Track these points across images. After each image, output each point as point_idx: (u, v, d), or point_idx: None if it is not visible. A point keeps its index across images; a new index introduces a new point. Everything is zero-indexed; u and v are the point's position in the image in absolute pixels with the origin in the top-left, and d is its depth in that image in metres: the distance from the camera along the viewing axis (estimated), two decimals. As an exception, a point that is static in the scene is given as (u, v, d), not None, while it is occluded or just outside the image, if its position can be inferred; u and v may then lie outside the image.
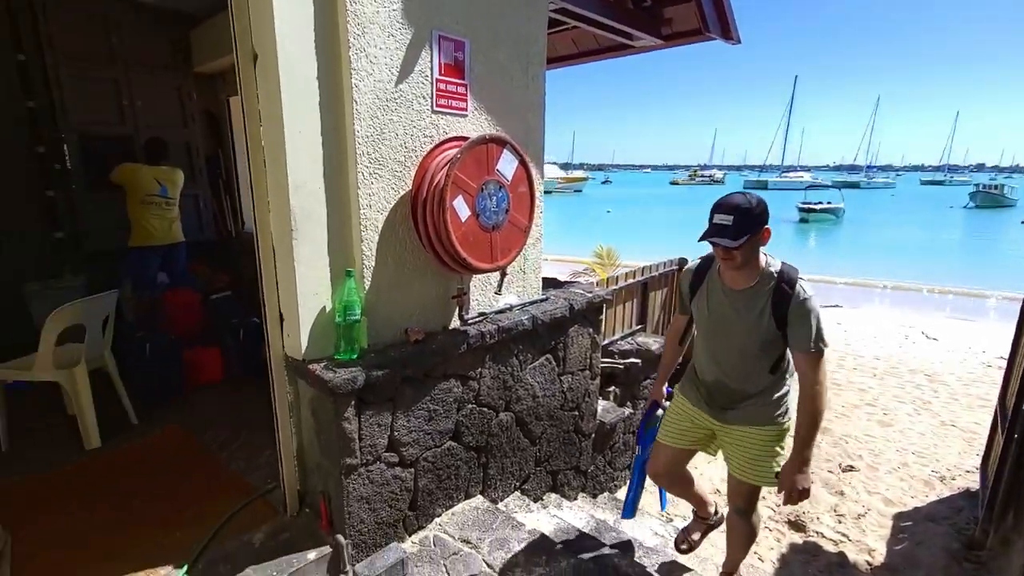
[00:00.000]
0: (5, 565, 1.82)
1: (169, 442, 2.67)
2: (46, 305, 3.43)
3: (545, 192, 2.48)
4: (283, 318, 1.89)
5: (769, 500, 3.50)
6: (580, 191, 53.33)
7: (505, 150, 2.02)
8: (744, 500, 2.04)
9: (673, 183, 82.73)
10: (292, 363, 1.90)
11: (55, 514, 2.10)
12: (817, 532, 3.26)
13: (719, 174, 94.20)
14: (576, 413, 2.97)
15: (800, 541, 3.20)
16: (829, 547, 3.13)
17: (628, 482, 2.71)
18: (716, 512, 2.46)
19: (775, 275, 1.80)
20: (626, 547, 2.41)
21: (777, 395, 1.91)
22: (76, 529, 2.01)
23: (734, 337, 1.87)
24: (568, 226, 22.43)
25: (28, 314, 3.68)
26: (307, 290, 1.82)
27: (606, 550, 2.24)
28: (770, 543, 3.16)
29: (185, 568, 1.78)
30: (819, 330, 1.74)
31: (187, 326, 3.71)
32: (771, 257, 1.85)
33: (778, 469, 1.90)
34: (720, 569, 2.33)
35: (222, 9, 3.98)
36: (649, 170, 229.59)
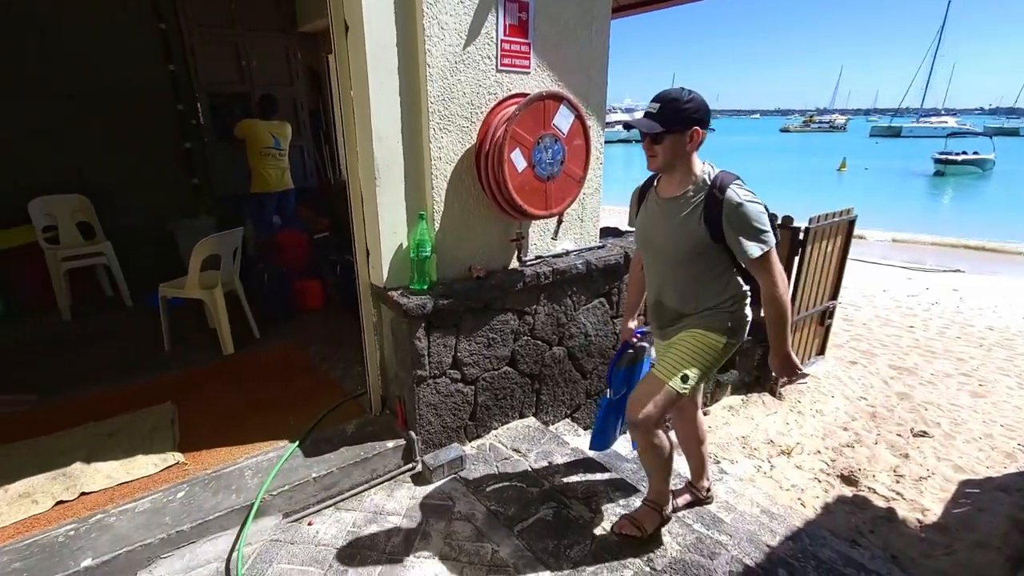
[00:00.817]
0: (175, 429, 2.44)
1: (283, 353, 3.26)
2: (187, 239, 4.18)
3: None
4: (369, 253, 2.27)
5: (824, 455, 3.54)
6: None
7: (562, 106, 2.19)
8: (640, 406, 1.81)
9: (784, 130, 74.61)
10: (376, 290, 2.29)
11: (206, 398, 2.72)
12: (870, 488, 3.28)
13: (840, 119, 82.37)
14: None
15: (849, 494, 3.25)
16: (879, 502, 3.16)
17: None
18: (709, 490, 2.30)
19: (708, 183, 1.70)
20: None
21: (718, 312, 1.80)
22: (220, 409, 2.61)
23: (663, 249, 1.80)
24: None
25: (175, 245, 4.48)
26: (387, 229, 2.17)
27: (642, 473, 2.50)
28: (816, 492, 3.25)
29: (297, 443, 2.29)
30: (758, 230, 1.63)
31: (295, 261, 4.32)
32: (710, 165, 1.75)
33: (685, 383, 1.78)
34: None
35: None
36: (758, 116, 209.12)
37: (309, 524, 2.02)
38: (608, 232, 3.16)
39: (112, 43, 4.23)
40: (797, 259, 3.95)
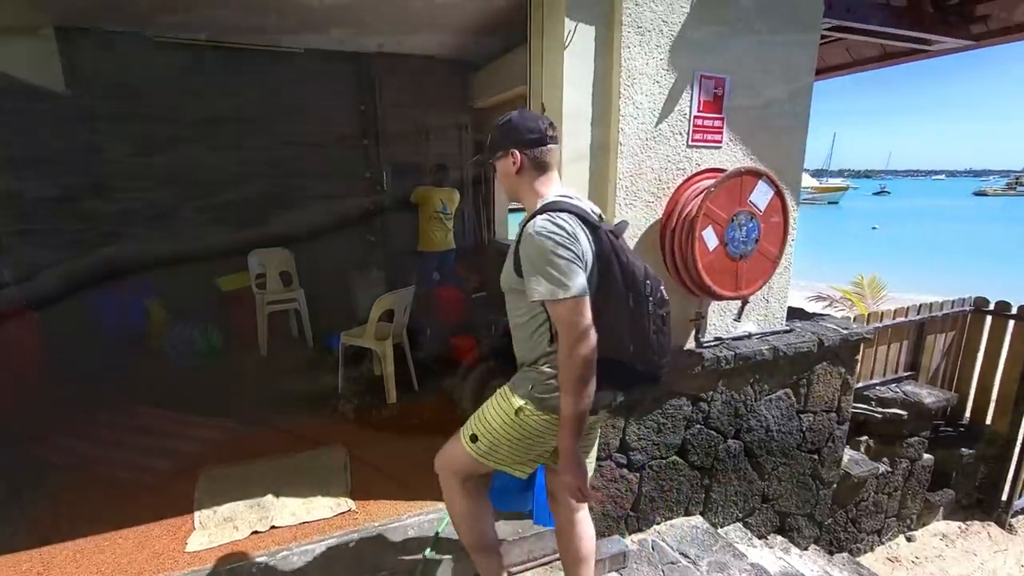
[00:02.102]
0: (348, 475, 2.60)
1: (441, 406, 3.37)
2: (360, 289, 4.65)
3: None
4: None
5: None
6: (836, 203, 45.63)
7: (760, 181, 2.04)
8: (440, 454, 1.64)
9: (979, 193, 63.51)
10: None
11: (372, 445, 2.89)
12: None
13: (1060, 182, 68.73)
14: (816, 457, 2.75)
15: None
16: None
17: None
18: None
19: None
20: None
21: (527, 371, 1.47)
22: (385, 458, 2.73)
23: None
24: (819, 245, 18.94)
25: (348, 294, 5.01)
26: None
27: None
28: None
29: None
30: (547, 270, 1.30)
31: (453, 317, 4.55)
32: (561, 195, 1.44)
33: (474, 443, 1.52)
34: None
35: (499, 55, 4.68)
36: (942, 177, 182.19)
37: (466, 600, 1.96)
38: (795, 313, 2.83)
39: (321, 127, 5.02)
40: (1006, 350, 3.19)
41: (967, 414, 3.70)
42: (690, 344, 2.36)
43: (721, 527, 2.54)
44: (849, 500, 3.01)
